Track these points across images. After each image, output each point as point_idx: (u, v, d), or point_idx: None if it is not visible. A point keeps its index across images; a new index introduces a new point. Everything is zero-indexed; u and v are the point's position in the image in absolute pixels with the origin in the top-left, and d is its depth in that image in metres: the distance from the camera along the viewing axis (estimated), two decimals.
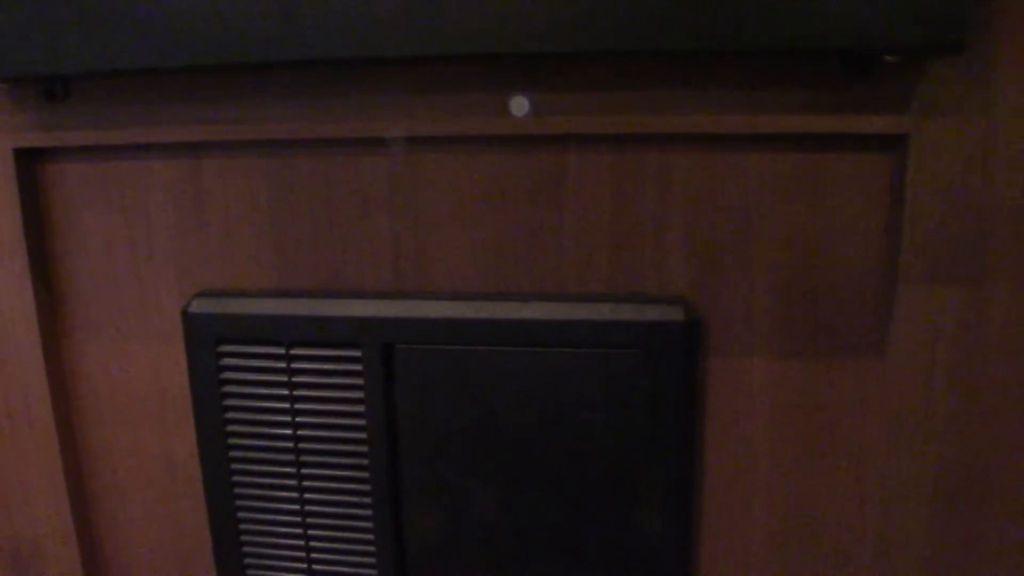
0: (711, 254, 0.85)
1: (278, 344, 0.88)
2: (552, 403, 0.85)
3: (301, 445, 0.90)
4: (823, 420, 0.87)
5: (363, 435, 0.89)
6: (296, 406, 0.89)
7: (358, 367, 0.87)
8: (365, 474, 0.90)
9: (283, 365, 0.88)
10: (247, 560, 0.96)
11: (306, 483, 0.91)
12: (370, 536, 0.92)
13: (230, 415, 0.91)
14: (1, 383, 0.97)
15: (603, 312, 0.85)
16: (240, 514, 0.94)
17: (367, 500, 0.90)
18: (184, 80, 0.86)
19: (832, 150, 0.81)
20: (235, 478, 0.93)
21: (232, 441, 0.92)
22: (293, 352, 0.88)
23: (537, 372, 0.85)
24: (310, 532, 0.93)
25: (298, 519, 0.93)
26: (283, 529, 0.94)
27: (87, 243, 0.94)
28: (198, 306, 0.89)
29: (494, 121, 0.82)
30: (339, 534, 0.92)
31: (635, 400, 0.85)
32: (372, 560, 0.93)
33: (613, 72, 0.79)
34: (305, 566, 0.94)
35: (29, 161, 0.92)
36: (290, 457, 0.91)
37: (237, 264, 0.91)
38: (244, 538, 0.95)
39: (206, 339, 0.90)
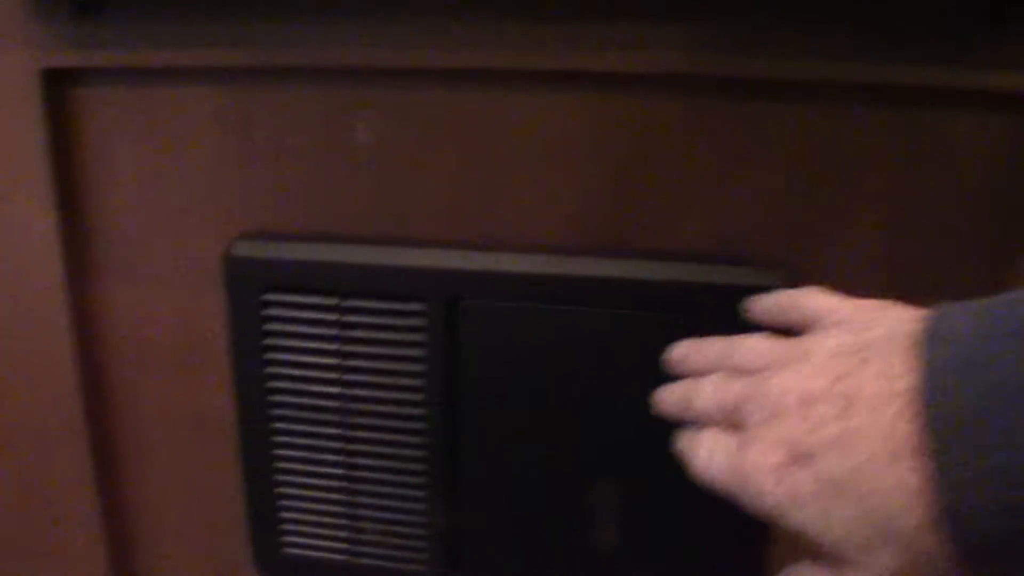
0: (812, 215, 0.77)
1: (330, 294, 0.80)
2: (633, 370, 0.77)
3: (350, 406, 0.83)
4: None
5: (420, 396, 0.81)
6: (347, 363, 0.81)
7: (419, 322, 0.79)
8: (420, 439, 0.82)
9: (335, 318, 0.80)
10: (284, 527, 0.89)
11: (354, 446, 0.84)
12: (422, 508, 0.84)
13: (272, 370, 0.83)
14: (20, 327, 0.88)
15: (695, 273, 0.77)
16: (278, 477, 0.86)
17: (421, 468, 0.83)
18: None
19: (954, 108, 0.73)
20: (275, 438, 0.85)
21: (273, 399, 0.84)
22: (346, 304, 0.80)
23: (619, 336, 0.77)
24: (357, 500, 0.86)
25: (344, 486, 0.85)
26: (326, 495, 0.86)
27: (119, 176, 0.85)
28: (241, 249, 0.81)
29: (584, 56, 0.73)
30: (388, 503, 0.85)
31: None
32: (423, 532, 0.85)
33: (720, 9, 0.71)
34: (348, 537, 0.87)
35: (58, 83, 0.83)
36: (337, 418, 0.83)
37: (286, 204, 0.83)
38: (282, 503, 0.88)
39: (249, 287, 0.81)
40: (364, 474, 0.85)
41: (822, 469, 0.36)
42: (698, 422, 0.53)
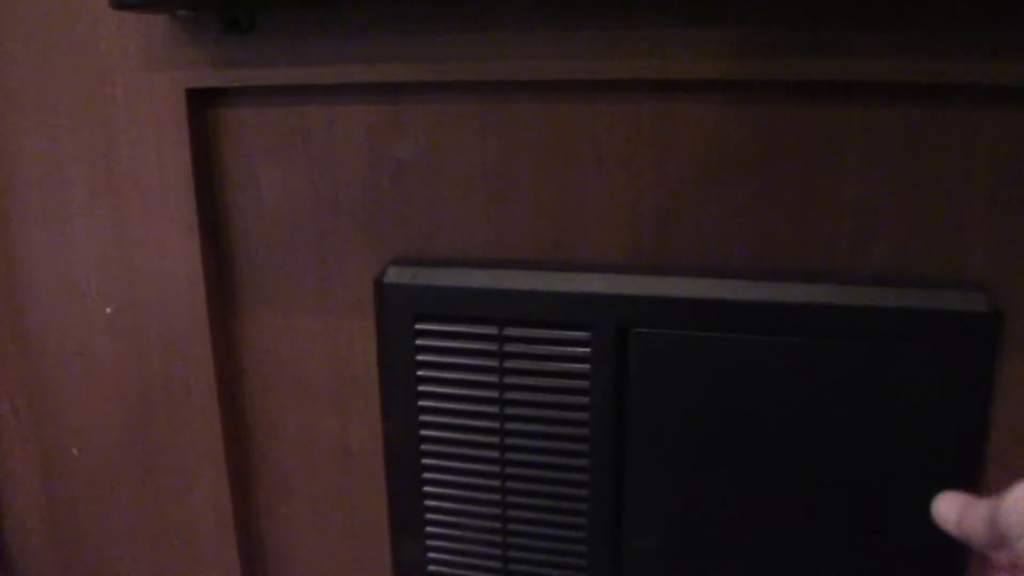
0: (1015, 235, 0.69)
1: (489, 323, 0.75)
2: (815, 403, 0.71)
3: (508, 441, 0.78)
4: None
5: (584, 431, 0.76)
6: (506, 395, 0.76)
7: (585, 351, 0.74)
8: (584, 477, 0.77)
9: (494, 348, 0.75)
10: (432, 568, 0.83)
11: (511, 484, 0.79)
12: (583, 549, 0.78)
13: (424, 403, 0.79)
14: (161, 353, 0.86)
15: (884, 297, 0.70)
16: (428, 515, 0.82)
17: (583, 507, 0.77)
18: (385, 11, 0.72)
19: None
20: (425, 475, 0.81)
21: (425, 432, 0.80)
22: (506, 332, 0.75)
23: (798, 365, 0.71)
24: (510, 541, 0.80)
25: (497, 525, 0.80)
26: (478, 535, 0.81)
27: (265, 198, 0.82)
28: (394, 275, 0.77)
29: (760, 64, 0.67)
30: (545, 544, 0.80)
31: (917, 403, 0.70)
32: (583, 573, 0.79)
33: (915, 7, 0.64)
34: None
35: (203, 103, 0.80)
36: (494, 454, 0.78)
37: (441, 228, 0.78)
38: (430, 543, 0.83)
39: (402, 314, 0.77)
40: (520, 513, 0.80)
41: None
42: None
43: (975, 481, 0.74)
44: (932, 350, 0.71)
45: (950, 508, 0.45)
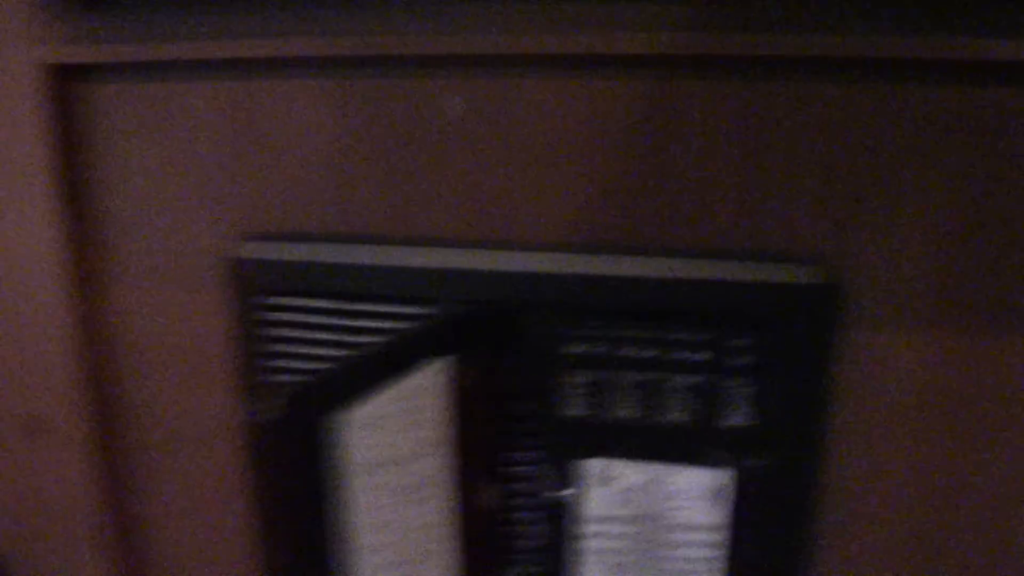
0: (853, 206, 0.71)
1: (339, 298, 0.76)
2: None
3: None
4: (981, 411, 0.73)
5: None
6: None
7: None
8: None
9: (344, 323, 0.75)
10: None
11: None
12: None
13: (278, 377, 0.78)
14: (17, 332, 0.85)
15: (725, 271, 0.71)
16: None
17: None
18: None
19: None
20: None
21: None
22: (356, 308, 0.75)
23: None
24: None
25: None
26: None
27: (122, 176, 0.82)
28: (246, 251, 0.77)
29: (601, 37, 0.68)
30: None
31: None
32: None
33: None
34: None
35: (62, 79, 0.80)
36: None
37: (292, 204, 0.79)
38: None
39: (253, 288, 0.77)
40: None
41: None
42: None
43: (817, 449, 0.75)
44: (773, 322, 0.72)
45: None
